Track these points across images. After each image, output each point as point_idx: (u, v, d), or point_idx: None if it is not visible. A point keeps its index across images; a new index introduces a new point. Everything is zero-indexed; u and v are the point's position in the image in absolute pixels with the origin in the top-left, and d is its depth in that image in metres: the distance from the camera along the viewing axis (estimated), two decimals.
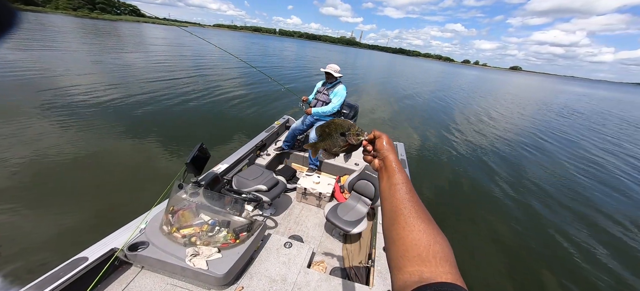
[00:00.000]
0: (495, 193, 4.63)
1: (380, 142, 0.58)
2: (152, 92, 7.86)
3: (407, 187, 0.49)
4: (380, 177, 0.55)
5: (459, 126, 9.12)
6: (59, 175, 3.46)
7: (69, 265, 1.33)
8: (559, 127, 11.41)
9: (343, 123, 0.67)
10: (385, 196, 0.50)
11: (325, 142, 0.70)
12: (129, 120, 5.49)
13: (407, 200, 0.46)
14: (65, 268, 1.31)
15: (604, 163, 7.10)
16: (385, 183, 0.52)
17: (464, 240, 3.27)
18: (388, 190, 0.50)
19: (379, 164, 0.57)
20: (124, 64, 11.75)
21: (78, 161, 3.81)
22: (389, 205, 0.48)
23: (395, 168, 0.53)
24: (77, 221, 2.75)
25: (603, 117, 16.97)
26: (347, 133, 0.65)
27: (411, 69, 45.97)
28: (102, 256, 1.43)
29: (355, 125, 0.66)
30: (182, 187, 1.68)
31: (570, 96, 32.16)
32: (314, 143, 0.75)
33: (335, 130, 0.68)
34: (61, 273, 1.27)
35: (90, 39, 21.04)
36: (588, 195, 5.05)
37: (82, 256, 1.39)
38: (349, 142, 0.65)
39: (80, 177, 3.47)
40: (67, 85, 7.44)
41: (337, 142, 0.67)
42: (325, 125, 0.70)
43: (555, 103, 20.86)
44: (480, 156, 6.38)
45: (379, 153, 0.57)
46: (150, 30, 45.66)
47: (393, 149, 0.57)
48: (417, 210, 0.44)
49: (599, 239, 3.66)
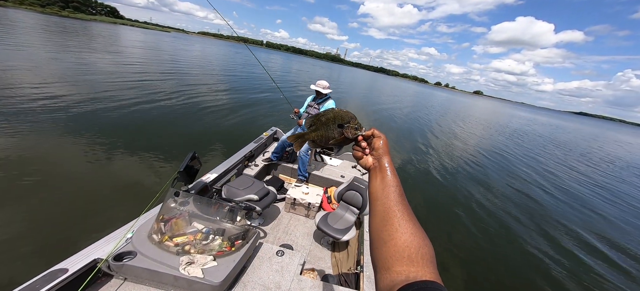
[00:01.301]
0: (461, 206, 5.06)
1: (378, 141, 0.58)
2: (131, 99, 7.44)
3: (400, 190, 0.50)
4: (372, 176, 0.55)
5: (433, 144, 9.88)
6: (40, 184, 3.12)
7: (46, 276, 1.24)
8: (509, 146, 12.91)
9: (343, 114, 0.63)
10: (377, 196, 0.50)
11: (319, 131, 0.64)
12: (109, 129, 5.11)
13: (400, 203, 0.47)
14: (42, 279, 1.22)
15: (550, 178, 8.16)
16: (379, 183, 0.52)
17: (448, 252, 3.53)
18: (381, 191, 0.50)
19: (373, 163, 0.57)
20: (101, 70, 10.98)
21: (60, 169, 3.48)
22: (382, 206, 0.48)
23: (390, 170, 0.53)
24: (55, 233, 2.50)
25: (543, 138, 19.61)
26: (345, 126, 0.62)
27: (391, 88, 48.88)
28: (84, 267, 1.35)
29: (355, 118, 0.63)
30: (178, 194, 1.67)
31: (520, 120, 36.67)
32: (302, 133, 0.68)
33: (333, 120, 0.63)
34: (38, 285, 1.19)
35: (67, 40, 19.34)
36: (540, 204, 5.76)
37: (61, 267, 1.31)
38: (345, 134, 0.62)
39: (62, 186, 3.17)
40: (36, 90, 6.75)
41: (333, 133, 0.63)
42: (321, 114, 0.65)
43: (509, 126, 23.67)
44: (449, 170, 6.96)
45: (375, 152, 0.57)
46: (130, 33, 43.26)
47: (389, 151, 0.57)
48: (409, 213, 0.46)
49: (542, 242, 4.19)
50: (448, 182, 6.14)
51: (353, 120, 0.62)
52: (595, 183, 8.81)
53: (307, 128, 0.68)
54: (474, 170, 7.51)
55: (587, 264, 3.87)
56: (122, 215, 2.17)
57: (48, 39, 16.66)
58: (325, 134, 0.64)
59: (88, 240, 1.54)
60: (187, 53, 27.57)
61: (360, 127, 0.62)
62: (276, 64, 43.70)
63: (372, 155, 0.58)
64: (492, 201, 5.52)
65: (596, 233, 4.97)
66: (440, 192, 5.52)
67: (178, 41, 55.56)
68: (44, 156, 3.74)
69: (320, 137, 0.65)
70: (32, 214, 2.71)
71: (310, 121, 0.67)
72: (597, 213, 6.07)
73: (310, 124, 0.67)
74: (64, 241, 2.45)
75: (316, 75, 34.94)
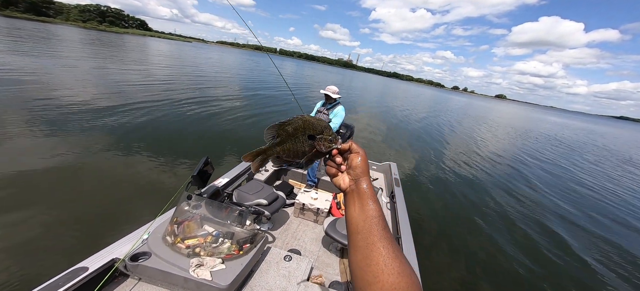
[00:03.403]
0: (482, 216, 4.77)
1: (356, 158, 0.50)
2: (152, 106, 7.94)
3: (384, 221, 0.45)
4: (349, 201, 0.49)
5: (450, 149, 9.48)
6: (62, 186, 3.40)
7: (69, 274, 1.32)
8: (541, 153, 12.02)
9: (315, 123, 0.53)
10: (358, 229, 0.44)
11: (285, 145, 0.54)
12: (127, 134, 5.49)
13: (384, 237, 0.42)
14: (65, 277, 1.29)
15: (587, 192, 7.46)
16: (358, 211, 0.46)
17: (450, 260, 3.34)
18: (363, 223, 0.44)
19: (350, 185, 0.50)
20: (128, 79, 11.88)
21: (80, 172, 3.77)
22: (363, 241, 0.43)
23: (370, 196, 0.47)
24: (78, 232, 2.70)
25: (584, 146, 18.02)
26: (317, 137, 0.52)
27: (404, 93, 48.00)
28: (102, 266, 1.42)
29: (329, 127, 0.54)
30: (191, 197, 1.74)
31: (549, 125, 34.13)
32: (263, 149, 0.55)
33: (303, 130, 0.53)
34: (61, 283, 1.26)
35: (99, 50, 21.26)
36: (575, 220, 5.27)
37: (82, 265, 1.38)
38: (317, 147, 0.53)
39: (81, 189, 3.42)
40: (71, 97, 7.45)
41: (302, 146, 0.53)
42: (286, 123, 0.54)
43: (541, 133, 22.07)
44: (472, 179, 6.61)
45: (352, 172, 0.50)
46: (156, 44, 46.64)
47: (368, 171, 0.51)
48: (394, 249, 0.41)
49: (575, 254, 3.80)
50: (471, 188, 5.84)
51: (326, 129, 0.53)
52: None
53: (268, 141, 0.55)
54: (499, 177, 7.09)
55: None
56: (143, 214, 2.29)
57: (87, 51, 18.35)
58: (293, 147, 0.54)
59: (110, 238, 1.64)
60: (206, 61, 29.03)
61: (336, 139, 0.53)
62: (288, 70, 44.67)
63: (349, 174, 0.51)
64: (519, 210, 5.16)
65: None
66: (464, 198, 5.25)
67: (198, 50, 58.90)
68: (75, 158, 4.06)
69: (287, 151, 0.54)
70: (62, 211, 2.93)
71: (273, 131, 0.54)
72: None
73: (274, 135, 0.54)
74: (88, 238, 2.62)
75: (328, 81, 35.19)
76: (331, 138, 0.52)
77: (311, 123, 0.53)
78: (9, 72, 8.67)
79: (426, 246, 3.43)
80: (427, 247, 3.44)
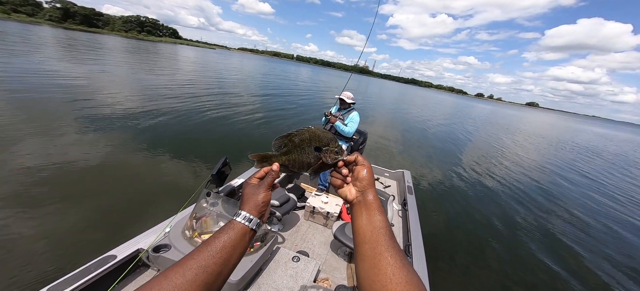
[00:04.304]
0: (498, 231, 4.46)
1: (362, 170, 0.52)
2: (177, 109, 8.54)
3: (390, 231, 0.46)
4: (356, 213, 0.50)
5: (469, 159, 9.01)
6: (96, 181, 3.77)
7: (99, 261, 1.45)
8: (579, 168, 10.95)
9: (322, 135, 0.55)
10: (365, 239, 0.46)
11: (291, 155, 0.55)
12: (155, 135, 5.96)
13: (391, 247, 0.43)
14: (96, 263, 1.42)
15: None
16: (365, 222, 0.48)
17: (461, 272, 3.18)
18: (370, 234, 0.46)
19: (357, 196, 0.51)
20: (159, 83, 12.92)
21: (110, 169, 4.16)
22: (371, 251, 0.44)
23: (376, 207, 0.49)
24: (106, 224, 2.98)
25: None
26: (323, 149, 0.54)
27: (423, 99, 46.56)
28: (128, 255, 1.55)
29: (335, 139, 0.56)
30: (210, 194, 1.87)
31: (591, 137, 30.86)
32: (269, 155, 0.56)
33: (309, 142, 0.54)
34: (92, 269, 1.39)
35: (137, 57, 23.43)
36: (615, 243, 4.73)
37: (111, 254, 1.52)
38: (323, 159, 0.54)
39: (111, 184, 3.77)
40: (108, 101, 8.29)
41: (308, 157, 0.55)
42: (294, 134, 0.55)
43: (578, 144, 20.09)
44: (492, 193, 6.23)
45: (358, 184, 0.51)
46: (184, 51, 50.33)
47: (374, 183, 0.52)
48: (401, 258, 0.42)
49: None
50: (490, 201, 5.51)
51: (332, 142, 0.55)
52: None
53: (275, 150, 0.57)
54: (524, 193, 6.60)
55: None
56: (167, 208, 2.47)
57: (126, 58, 20.30)
58: (299, 158, 0.55)
59: (137, 229, 1.81)
60: (228, 67, 30.64)
61: (341, 151, 0.54)
62: (304, 75, 45.54)
63: (355, 186, 0.52)
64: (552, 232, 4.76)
65: None
66: (481, 211, 4.97)
67: (221, 56, 62.55)
68: (107, 156, 4.50)
69: (293, 161, 0.55)
70: (97, 203, 3.26)
71: (280, 142, 0.56)
72: None
73: (281, 145, 0.56)
74: (118, 229, 2.88)
75: (343, 86, 35.21)
76: (337, 150, 0.54)
77: (317, 135, 0.55)
78: (61, 77, 9.86)
79: (438, 256, 3.30)
80: (439, 257, 3.30)
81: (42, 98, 6.92)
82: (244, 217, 0.48)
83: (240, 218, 0.48)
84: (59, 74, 10.37)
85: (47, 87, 8.13)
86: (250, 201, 0.50)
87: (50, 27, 63.95)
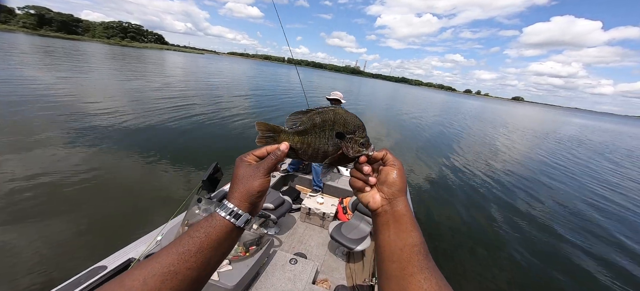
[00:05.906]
0: (498, 227, 4.56)
1: (391, 172, 0.40)
2: (166, 116, 8.34)
3: (426, 249, 0.37)
4: (381, 225, 0.39)
5: (461, 156, 9.21)
6: (81, 192, 3.63)
7: (90, 272, 1.41)
8: (566, 159, 11.37)
9: (349, 120, 0.44)
10: (393, 257, 0.36)
11: (306, 137, 0.44)
12: (141, 143, 5.79)
13: (427, 268, 0.35)
14: (86, 275, 1.39)
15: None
16: (393, 237, 0.37)
17: (462, 274, 3.21)
18: (400, 252, 0.36)
19: (383, 205, 0.40)
20: (144, 89, 12.59)
21: (98, 179, 4.02)
22: (400, 271, 0.35)
23: (409, 221, 0.38)
24: (96, 234, 2.87)
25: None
26: (347, 137, 0.43)
27: (414, 98, 47.35)
28: (120, 265, 1.52)
29: (363, 128, 0.44)
30: (201, 200, 1.82)
31: (574, 128, 32.18)
32: (278, 128, 0.45)
33: (330, 125, 0.44)
34: (82, 280, 1.35)
35: (120, 64, 22.78)
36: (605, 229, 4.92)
37: (101, 264, 1.48)
38: (343, 149, 0.43)
39: (100, 194, 3.65)
40: (92, 107, 8.00)
41: (327, 143, 0.44)
42: (315, 111, 0.44)
43: (564, 135, 20.89)
44: (486, 188, 6.37)
45: (386, 189, 0.40)
46: (171, 56, 49.41)
47: (406, 189, 0.41)
48: (437, 281, 0.34)
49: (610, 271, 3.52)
50: (484, 197, 5.63)
51: (360, 130, 0.44)
52: None
53: (288, 127, 0.45)
54: (515, 186, 6.78)
55: None
56: (158, 217, 2.40)
57: (109, 65, 19.71)
58: (316, 143, 0.44)
59: (128, 239, 1.75)
60: (216, 72, 30.23)
61: (368, 143, 0.43)
62: (296, 78, 45.55)
63: (381, 192, 0.41)
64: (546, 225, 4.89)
65: None
66: (475, 208, 5.07)
67: (210, 61, 61.64)
68: (95, 166, 4.33)
69: (307, 145, 0.44)
70: (86, 213, 3.13)
71: (296, 118, 0.45)
72: None
73: (296, 123, 0.45)
74: (108, 239, 2.77)
75: (334, 88, 35.46)
76: (363, 141, 0.43)
77: (344, 118, 0.44)
78: (41, 86, 9.46)
79: (432, 254, 3.32)
80: (434, 256, 3.32)
81: (23, 110, 6.63)
82: (230, 212, 0.37)
83: (224, 212, 0.37)
84: (38, 82, 9.96)
85: (29, 97, 7.79)
86: (241, 186, 0.39)
87: (25, 34, 61.40)
